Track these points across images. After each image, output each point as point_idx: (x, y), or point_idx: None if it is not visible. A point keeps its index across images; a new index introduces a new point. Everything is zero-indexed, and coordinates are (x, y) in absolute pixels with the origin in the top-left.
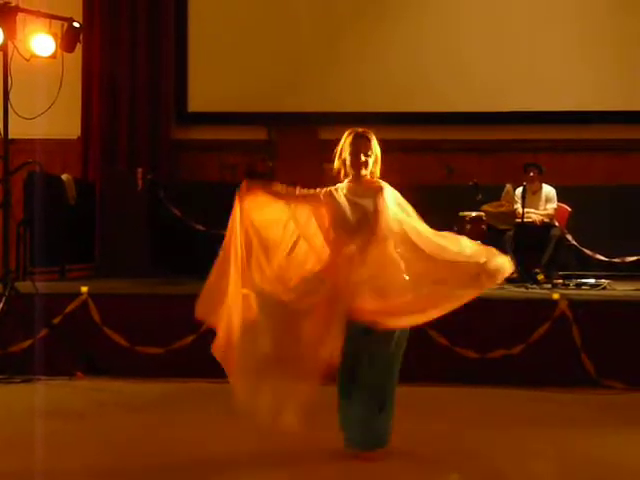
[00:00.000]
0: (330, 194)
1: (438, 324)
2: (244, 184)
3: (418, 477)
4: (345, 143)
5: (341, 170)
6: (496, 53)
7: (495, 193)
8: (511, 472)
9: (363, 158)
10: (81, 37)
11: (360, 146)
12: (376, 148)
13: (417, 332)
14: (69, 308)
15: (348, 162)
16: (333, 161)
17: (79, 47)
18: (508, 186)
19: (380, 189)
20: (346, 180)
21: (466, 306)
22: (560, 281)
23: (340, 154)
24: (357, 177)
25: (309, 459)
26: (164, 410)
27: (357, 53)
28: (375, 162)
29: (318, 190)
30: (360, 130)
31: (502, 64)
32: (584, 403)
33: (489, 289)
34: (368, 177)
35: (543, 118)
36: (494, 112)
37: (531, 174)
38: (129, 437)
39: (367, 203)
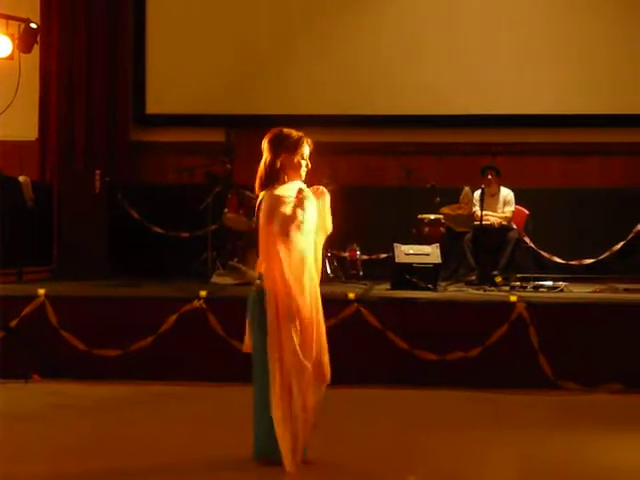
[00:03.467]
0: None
1: (397, 327)
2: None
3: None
4: (297, 145)
5: (284, 169)
6: (455, 57)
7: (453, 195)
8: (469, 475)
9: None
10: (38, 38)
11: (308, 155)
12: None
13: (376, 335)
14: (26, 311)
15: (298, 168)
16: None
17: (36, 48)
18: (466, 189)
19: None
20: (290, 183)
21: (425, 309)
22: (518, 283)
23: (287, 153)
24: (298, 181)
25: (266, 467)
26: (121, 413)
27: (316, 56)
28: None
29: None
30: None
31: (461, 68)
32: (541, 404)
33: None
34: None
35: (500, 121)
36: (452, 115)
37: (489, 177)
38: (86, 440)
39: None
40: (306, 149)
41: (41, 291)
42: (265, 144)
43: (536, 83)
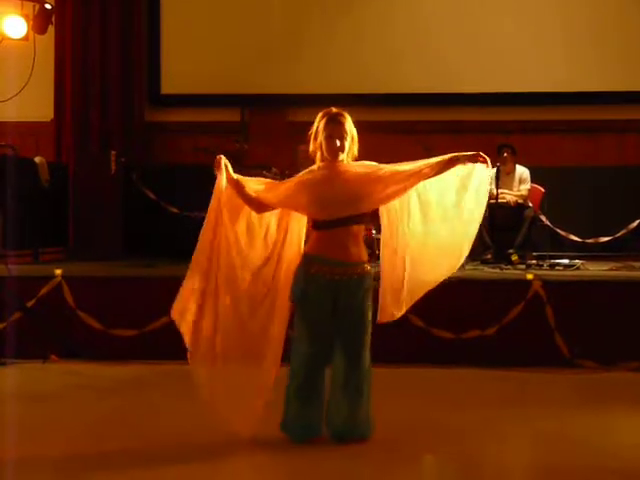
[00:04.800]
0: (302, 182)
1: (413, 305)
2: (222, 176)
3: (392, 459)
4: (319, 127)
5: (317, 153)
6: (468, 34)
7: None
8: (485, 452)
9: (338, 143)
10: (53, 19)
11: (334, 131)
12: (351, 129)
13: None
14: (43, 291)
15: (324, 147)
16: (308, 143)
17: (51, 29)
18: None
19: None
20: (320, 163)
21: (441, 287)
22: (534, 262)
23: (315, 137)
24: (334, 161)
25: (280, 446)
26: (138, 393)
27: (329, 35)
28: (352, 143)
29: (290, 180)
30: (333, 112)
31: (476, 45)
32: (558, 383)
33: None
34: (346, 160)
35: (515, 99)
36: (467, 93)
37: (505, 155)
38: (103, 420)
39: (348, 185)
40: (328, 130)
41: (58, 271)
42: None
43: (551, 60)
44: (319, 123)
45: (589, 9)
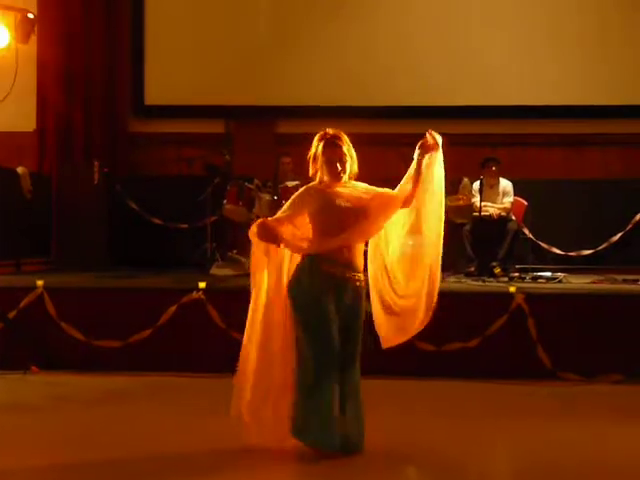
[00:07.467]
0: (309, 194)
1: None
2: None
3: (374, 471)
4: (318, 150)
5: (317, 174)
6: (453, 47)
7: (451, 186)
8: (467, 464)
9: (339, 167)
10: (35, 28)
11: (333, 155)
12: (350, 150)
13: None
14: (24, 302)
15: (324, 170)
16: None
17: (33, 39)
18: (465, 180)
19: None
20: (320, 184)
21: None
22: (516, 274)
23: (315, 160)
24: (335, 181)
25: (266, 457)
26: (122, 404)
27: (314, 47)
28: (352, 163)
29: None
30: (330, 136)
31: (459, 58)
32: (539, 395)
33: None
34: (346, 180)
35: (500, 112)
36: (452, 106)
37: (493, 168)
38: (85, 431)
39: (349, 202)
40: (328, 154)
41: (39, 282)
42: None
43: (535, 74)
44: (317, 146)
45: (575, 24)
